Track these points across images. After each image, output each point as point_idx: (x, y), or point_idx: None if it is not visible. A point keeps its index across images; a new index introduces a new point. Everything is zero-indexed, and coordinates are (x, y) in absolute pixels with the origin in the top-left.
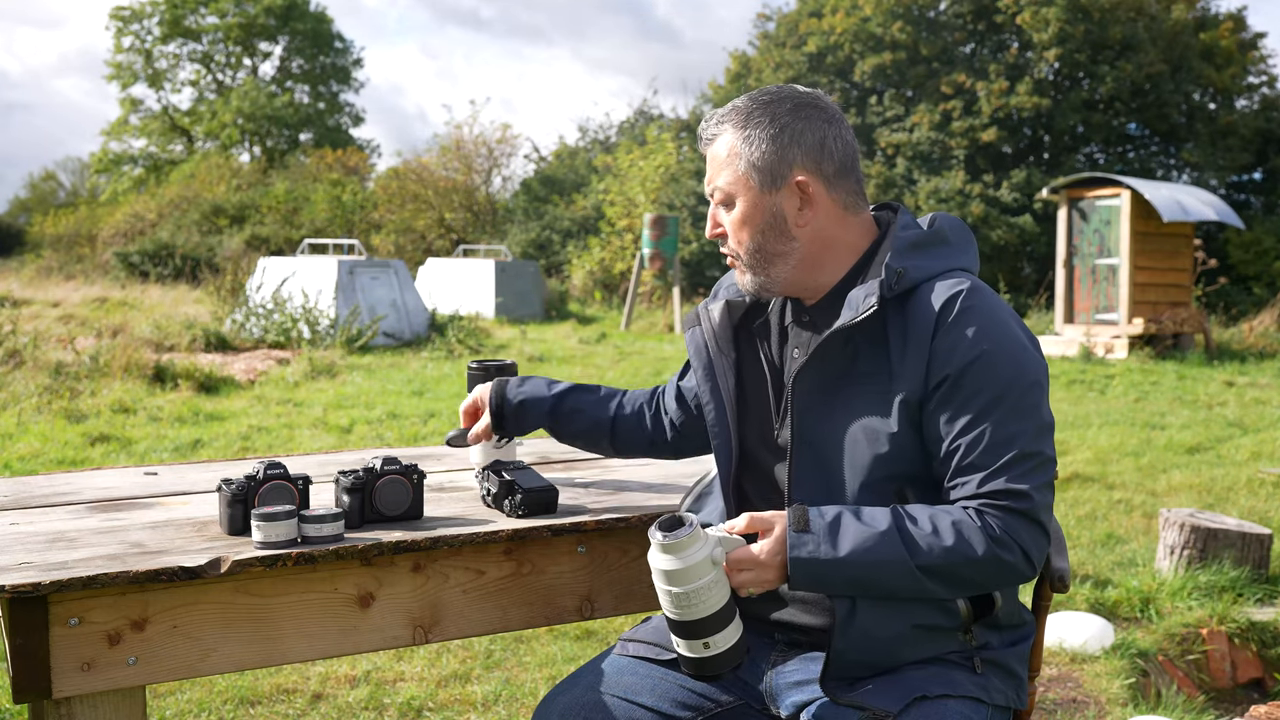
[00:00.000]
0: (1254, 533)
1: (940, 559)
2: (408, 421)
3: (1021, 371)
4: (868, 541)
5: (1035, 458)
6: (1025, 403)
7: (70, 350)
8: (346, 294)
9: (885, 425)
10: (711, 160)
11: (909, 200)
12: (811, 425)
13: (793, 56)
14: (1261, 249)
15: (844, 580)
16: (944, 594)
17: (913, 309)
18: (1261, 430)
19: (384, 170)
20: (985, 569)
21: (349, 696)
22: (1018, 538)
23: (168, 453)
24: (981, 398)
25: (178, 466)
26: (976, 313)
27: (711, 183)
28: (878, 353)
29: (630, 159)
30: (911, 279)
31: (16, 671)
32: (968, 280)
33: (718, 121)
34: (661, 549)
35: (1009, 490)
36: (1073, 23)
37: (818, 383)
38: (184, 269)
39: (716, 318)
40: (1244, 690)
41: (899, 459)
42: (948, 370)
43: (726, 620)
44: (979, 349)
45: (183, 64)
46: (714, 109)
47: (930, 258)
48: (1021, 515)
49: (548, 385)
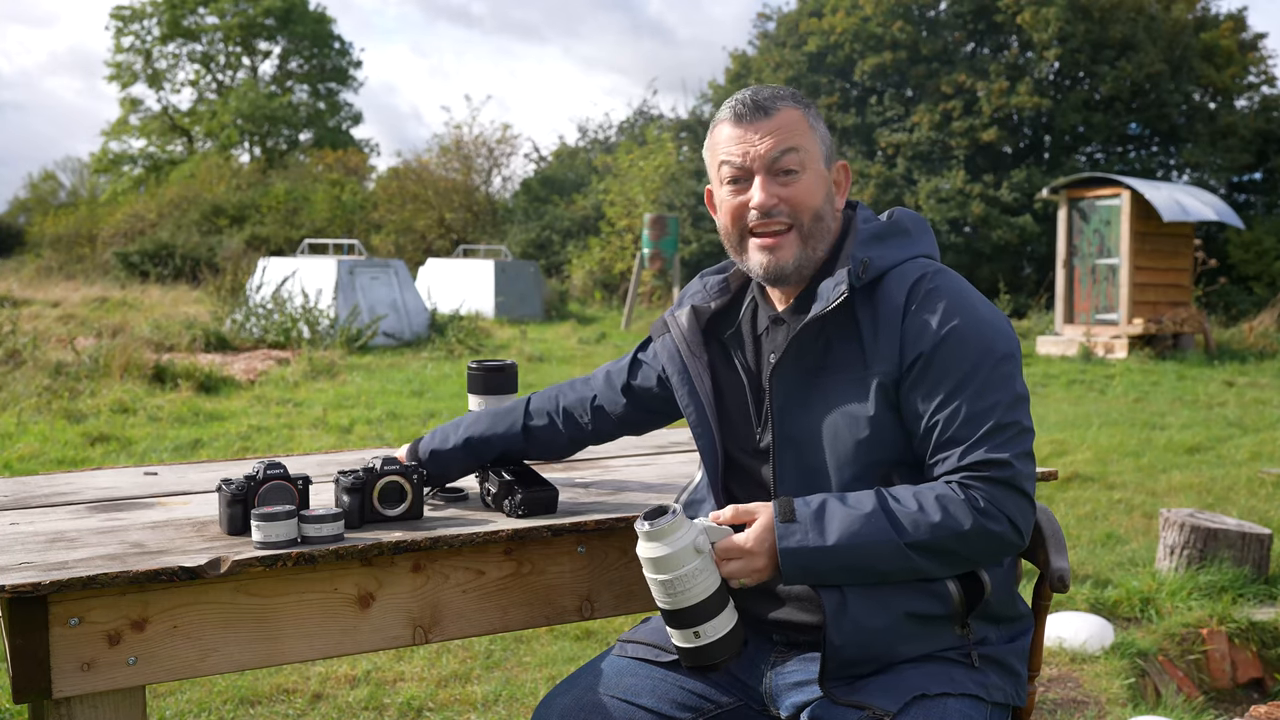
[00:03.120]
0: (1254, 533)
1: (928, 535)
2: (408, 421)
3: (991, 346)
4: (855, 525)
5: (1012, 428)
6: (997, 375)
7: (70, 350)
8: (346, 294)
9: (864, 410)
10: (776, 128)
11: (909, 200)
12: (792, 421)
13: (793, 56)
14: (1261, 249)
15: (835, 566)
16: (936, 571)
17: (880, 295)
18: (1261, 430)
19: (384, 170)
20: (974, 542)
21: (349, 696)
22: (1003, 507)
23: (168, 453)
24: (955, 373)
25: (178, 466)
26: (943, 292)
27: (778, 147)
28: (850, 341)
29: (630, 159)
30: (877, 268)
31: (16, 671)
32: (930, 265)
33: (774, 96)
34: (645, 537)
35: (989, 460)
36: (1073, 23)
37: (794, 379)
38: (184, 269)
39: (685, 323)
40: (1244, 690)
41: (880, 444)
42: (920, 349)
43: (716, 609)
44: (949, 325)
45: (182, 64)
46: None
47: (892, 247)
48: (1004, 484)
49: (454, 427)
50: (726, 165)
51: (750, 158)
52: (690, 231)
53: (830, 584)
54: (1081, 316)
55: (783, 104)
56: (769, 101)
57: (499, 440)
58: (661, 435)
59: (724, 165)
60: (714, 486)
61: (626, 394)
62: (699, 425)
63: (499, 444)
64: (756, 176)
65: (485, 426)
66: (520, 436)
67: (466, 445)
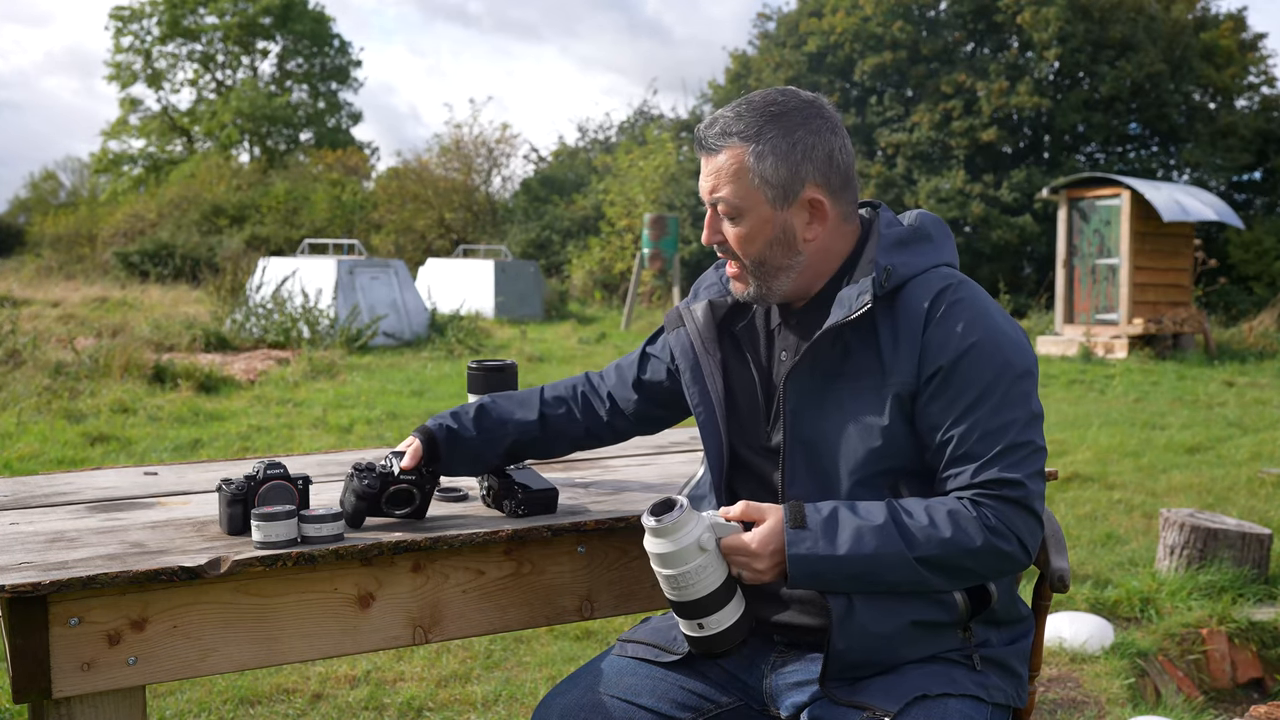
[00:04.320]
0: (1254, 533)
1: (938, 550)
2: (408, 421)
3: (1010, 363)
4: (865, 536)
5: (1026, 447)
6: (1015, 392)
7: (70, 350)
8: (346, 294)
9: (879, 420)
10: (715, 171)
11: (909, 200)
12: (805, 425)
13: (793, 56)
14: (1261, 249)
15: (843, 576)
16: (944, 586)
17: (902, 305)
18: (1261, 430)
19: (384, 170)
20: (984, 559)
21: (349, 696)
22: (1013, 526)
23: (168, 453)
24: (974, 389)
25: (178, 466)
26: (965, 306)
27: (714, 193)
28: (868, 350)
29: (630, 159)
30: (900, 276)
31: (16, 671)
32: (954, 275)
33: (723, 133)
34: (652, 533)
35: (1003, 480)
36: (1073, 22)
37: (809, 382)
38: (184, 269)
39: (700, 318)
40: (1244, 690)
41: (892, 453)
42: (940, 362)
43: (722, 602)
44: (970, 341)
45: (182, 64)
46: (713, 110)
47: (915, 254)
48: (1016, 504)
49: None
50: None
51: (701, 190)
52: (690, 231)
53: (836, 591)
54: (1081, 316)
55: (727, 142)
56: (715, 139)
57: (514, 425)
58: (661, 435)
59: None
60: (717, 484)
61: (637, 389)
62: (707, 424)
63: (514, 429)
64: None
65: (501, 409)
66: (536, 424)
67: (479, 425)
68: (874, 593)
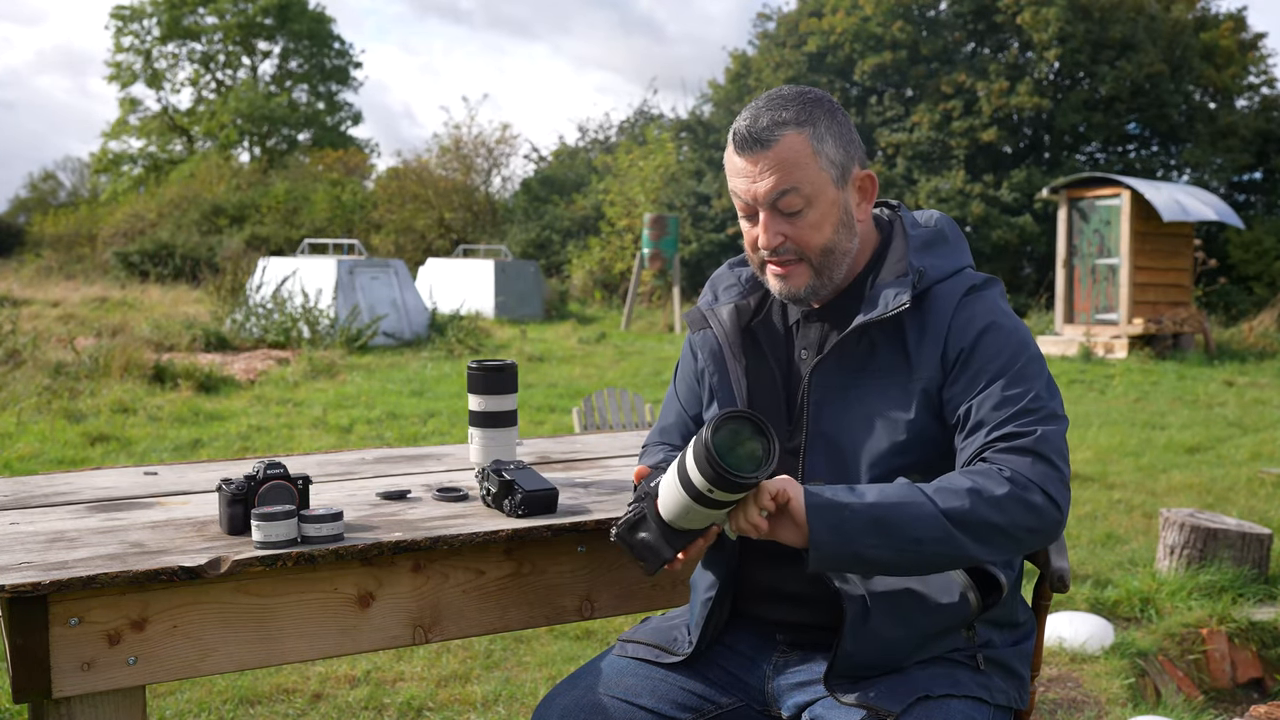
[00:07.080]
0: (1254, 533)
1: (963, 501)
2: (408, 421)
3: (1026, 343)
4: (887, 490)
5: (1042, 410)
6: (1032, 367)
7: (70, 350)
8: (346, 294)
9: (904, 415)
10: (776, 163)
11: (909, 200)
12: (827, 418)
13: (793, 56)
14: (1261, 249)
15: (865, 523)
16: (974, 551)
17: (929, 305)
18: (1261, 430)
19: (384, 170)
20: (1011, 510)
21: (349, 696)
22: (1031, 476)
23: (168, 453)
24: (994, 364)
25: (178, 466)
26: (984, 298)
27: (778, 187)
28: (895, 348)
29: (630, 159)
30: (930, 278)
31: (16, 671)
32: (977, 276)
33: (774, 124)
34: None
35: (1014, 432)
36: (1073, 23)
37: (835, 378)
38: (184, 269)
39: (727, 323)
40: (1244, 690)
41: (916, 446)
42: (961, 345)
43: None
44: (988, 321)
45: (182, 64)
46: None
47: (940, 257)
48: (1030, 454)
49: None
50: (736, 198)
51: (752, 194)
52: (690, 231)
53: (861, 558)
54: (1081, 316)
55: (783, 131)
56: (767, 131)
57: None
58: None
59: (735, 196)
60: None
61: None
62: None
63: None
64: (761, 214)
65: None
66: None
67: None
68: (902, 563)
